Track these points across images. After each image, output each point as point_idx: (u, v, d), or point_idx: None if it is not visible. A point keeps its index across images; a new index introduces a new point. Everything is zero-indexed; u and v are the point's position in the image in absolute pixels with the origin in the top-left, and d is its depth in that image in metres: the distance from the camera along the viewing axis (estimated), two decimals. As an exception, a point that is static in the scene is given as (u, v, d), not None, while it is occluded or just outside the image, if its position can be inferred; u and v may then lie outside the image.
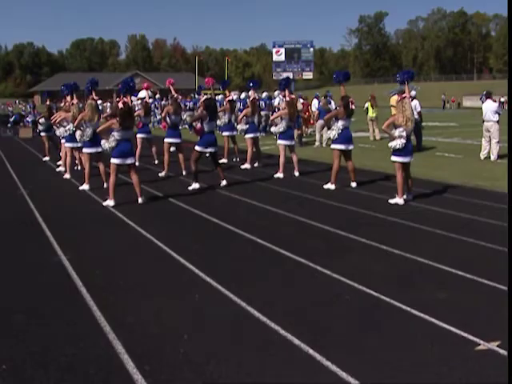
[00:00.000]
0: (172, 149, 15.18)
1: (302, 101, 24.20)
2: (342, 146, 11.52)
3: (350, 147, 11.65)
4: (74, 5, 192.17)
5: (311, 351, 4.19)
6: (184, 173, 13.79)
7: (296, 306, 5.16)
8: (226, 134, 16.38)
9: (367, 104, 24.28)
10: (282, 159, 13.47)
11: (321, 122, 20.00)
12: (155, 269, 6.41)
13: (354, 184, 11.71)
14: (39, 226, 8.60)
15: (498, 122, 16.19)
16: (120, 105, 10.25)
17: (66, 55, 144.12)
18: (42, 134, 18.20)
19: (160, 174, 13.89)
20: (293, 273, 6.21)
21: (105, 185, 11.65)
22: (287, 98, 13.52)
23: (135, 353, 4.20)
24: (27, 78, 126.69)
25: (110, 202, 10.10)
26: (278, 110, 15.79)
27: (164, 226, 8.58)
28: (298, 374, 3.90)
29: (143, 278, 6.08)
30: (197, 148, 11.77)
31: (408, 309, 5.03)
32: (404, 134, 9.79)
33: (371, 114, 23.51)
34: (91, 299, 5.33)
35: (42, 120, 18.04)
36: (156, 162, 16.06)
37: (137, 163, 15.92)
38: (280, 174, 13.42)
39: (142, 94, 17.42)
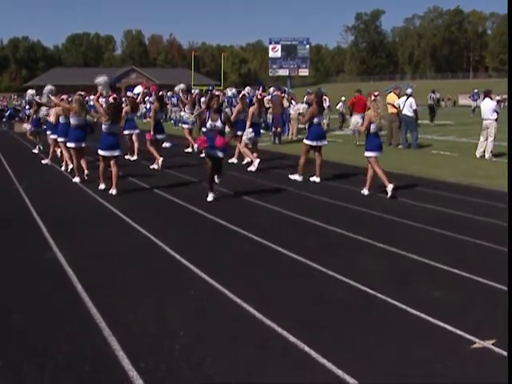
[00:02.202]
0: (167, 144, 15.37)
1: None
2: (312, 143, 12.28)
3: (321, 143, 12.33)
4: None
5: (307, 348, 4.19)
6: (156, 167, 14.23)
7: (291, 304, 5.16)
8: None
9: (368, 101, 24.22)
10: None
11: None
12: (152, 265, 6.39)
13: (316, 179, 12.18)
14: (34, 221, 8.58)
15: (496, 120, 16.23)
16: (111, 99, 10.89)
17: (61, 50, 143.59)
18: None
19: (151, 167, 14.30)
20: (288, 269, 6.21)
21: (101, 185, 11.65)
22: (258, 97, 14.87)
23: (131, 350, 4.19)
24: (22, 72, 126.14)
25: (101, 186, 10.96)
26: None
27: (160, 222, 8.57)
28: (294, 372, 3.89)
29: (139, 274, 6.07)
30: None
31: (404, 307, 5.03)
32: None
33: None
34: (86, 295, 5.31)
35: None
36: (135, 157, 16.29)
37: (135, 157, 16.09)
38: (252, 167, 13.98)
39: (138, 89, 17.38)
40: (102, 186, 10.95)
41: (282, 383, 3.80)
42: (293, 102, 24.10)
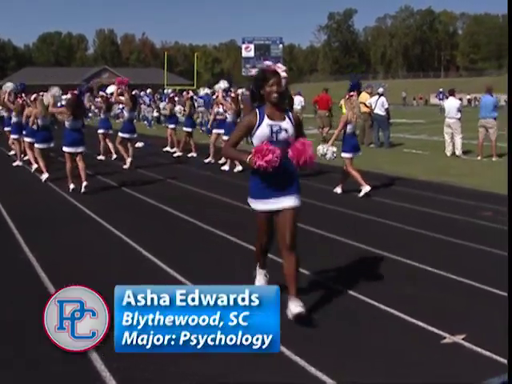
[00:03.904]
0: (140, 144, 15.31)
1: None
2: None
3: None
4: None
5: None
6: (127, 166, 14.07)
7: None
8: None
9: (342, 101, 24.44)
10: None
11: None
12: (121, 263, 6.36)
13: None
14: (4, 221, 8.49)
15: (459, 119, 16.49)
16: (68, 95, 11.07)
17: (32, 49, 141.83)
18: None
19: (124, 167, 14.13)
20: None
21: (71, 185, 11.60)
22: (233, 95, 15.11)
23: (103, 350, 4.15)
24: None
25: (70, 186, 10.69)
26: None
27: (130, 220, 8.53)
28: (269, 370, 3.90)
29: (111, 272, 6.03)
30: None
31: (376, 303, 5.07)
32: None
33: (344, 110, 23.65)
34: (58, 296, 5.26)
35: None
36: (115, 156, 16.15)
37: (115, 156, 15.97)
38: (226, 167, 14.07)
39: (110, 89, 17.27)
40: (71, 186, 10.76)
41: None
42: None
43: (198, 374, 3.84)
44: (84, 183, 10.61)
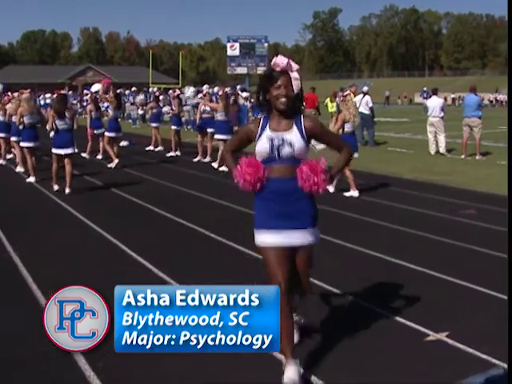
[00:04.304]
0: (124, 143, 15.25)
1: (244, 95, 24.56)
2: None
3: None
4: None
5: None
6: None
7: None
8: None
9: (327, 100, 24.69)
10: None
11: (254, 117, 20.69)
12: (106, 264, 6.34)
13: None
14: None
15: (442, 117, 16.61)
16: (54, 95, 10.95)
17: (16, 47, 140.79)
18: None
19: (109, 166, 14.17)
20: (231, 261, 6.23)
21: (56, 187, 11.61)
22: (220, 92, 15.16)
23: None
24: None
25: (54, 186, 10.66)
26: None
27: (114, 220, 8.50)
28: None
29: (93, 272, 6.00)
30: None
31: (359, 301, 5.09)
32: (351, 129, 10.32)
33: (330, 109, 23.82)
34: (42, 296, 5.24)
35: None
36: (100, 156, 16.11)
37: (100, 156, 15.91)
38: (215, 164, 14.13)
39: (95, 87, 17.17)
40: (55, 187, 10.69)
41: None
42: (252, 100, 24.23)
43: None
44: (67, 190, 10.47)
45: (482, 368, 3.87)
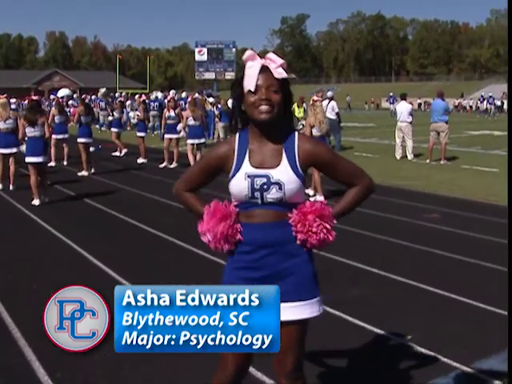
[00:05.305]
0: (92, 149, 15.06)
1: (211, 100, 24.66)
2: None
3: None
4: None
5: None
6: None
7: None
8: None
9: (294, 105, 24.76)
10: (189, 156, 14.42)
11: (221, 123, 20.84)
12: (69, 271, 6.26)
13: None
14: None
15: (411, 122, 16.78)
16: (26, 101, 10.78)
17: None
18: None
19: (79, 174, 13.85)
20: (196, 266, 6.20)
21: (11, 187, 11.55)
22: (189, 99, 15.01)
23: (46, 360, 4.08)
24: None
25: (35, 202, 10.01)
26: None
27: (79, 228, 8.41)
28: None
29: (56, 281, 5.92)
30: None
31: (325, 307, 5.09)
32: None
33: (297, 114, 23.93)
34: (2, 305, 5.15)
35: None
36: (66, 163, 15.86)
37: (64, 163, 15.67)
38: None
39: (62, 92, 17.04)
40: (36, 202, 10.02)
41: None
42: (219, 105, 24.24)
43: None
44: (35, 201, 9.99)
45: (443, 371, 3.90)
